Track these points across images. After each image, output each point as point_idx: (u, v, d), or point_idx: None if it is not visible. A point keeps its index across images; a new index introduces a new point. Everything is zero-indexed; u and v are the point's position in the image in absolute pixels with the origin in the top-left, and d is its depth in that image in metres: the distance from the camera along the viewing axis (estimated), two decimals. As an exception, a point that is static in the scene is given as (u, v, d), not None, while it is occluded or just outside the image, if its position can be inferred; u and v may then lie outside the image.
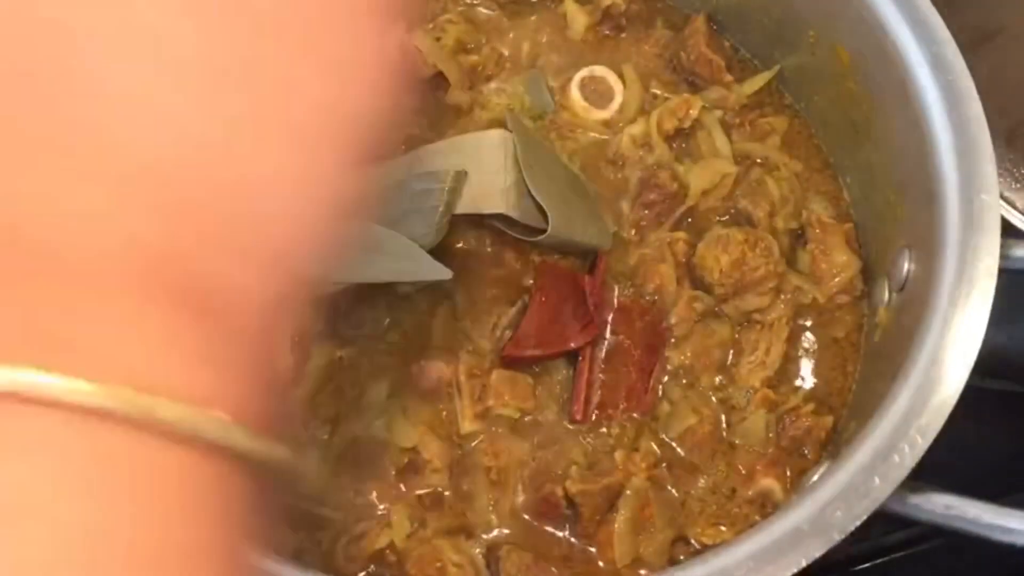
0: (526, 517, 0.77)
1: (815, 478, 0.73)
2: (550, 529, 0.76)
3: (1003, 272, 0.71)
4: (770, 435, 0.79)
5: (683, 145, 0.90)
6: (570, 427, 0.79)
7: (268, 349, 0.33)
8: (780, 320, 0.82)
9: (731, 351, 0.82)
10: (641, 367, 0.81)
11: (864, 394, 0.80)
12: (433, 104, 0.91)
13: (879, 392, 0.71)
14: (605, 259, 0.84)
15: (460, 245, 0.83)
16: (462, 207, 0.79)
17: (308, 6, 0.33)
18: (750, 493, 0.78)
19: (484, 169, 0.81)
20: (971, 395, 0.68)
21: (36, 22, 0.30)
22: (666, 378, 0.81)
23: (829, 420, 0.79)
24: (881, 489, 0.65)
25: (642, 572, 0.75)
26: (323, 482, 0.76)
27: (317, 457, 0.77)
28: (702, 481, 0.78)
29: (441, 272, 0.77)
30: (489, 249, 0.83)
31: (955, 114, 0.74)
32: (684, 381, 0.81)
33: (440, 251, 0.79)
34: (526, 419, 0.79)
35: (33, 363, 0.27)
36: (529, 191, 0.80)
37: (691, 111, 0.88)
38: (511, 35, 0.94)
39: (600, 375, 0.80)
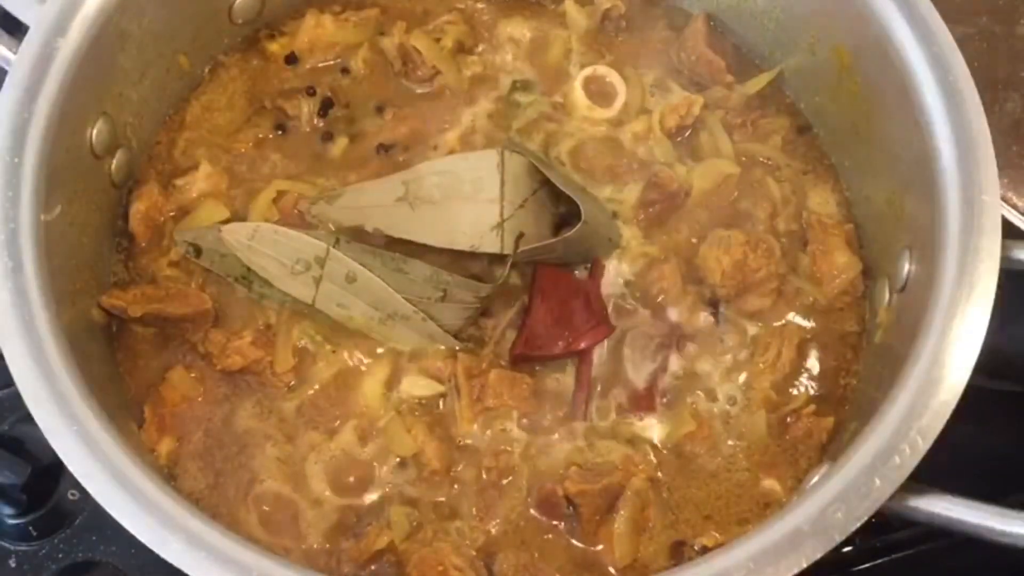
0: (526, 517, 0.77)
1: (816, 479, 0.73)
2: (550, 529, 0.76)
3: (1004, 273, 0.71)
4: (771, 436, 0.79)
5: (685, 145, 0.90)
6: (570, 427, 0.79)
7: None
8: (790, 325, 0.82)
9: (738, 354, 0.82)
10: (642, 367, 0.81)
11: (865, 395, 0.80)
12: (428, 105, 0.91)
13: (880, 393, 0.71)
14: (601, 262, 0.84)
15: None
16: (459, 244, 0.81)
17: None
18: (750, 493, 0.78)
19: (481, 196, 0.82)
20: (971, 395, 0.68)
21: None
22: (668, 379, 0.81)
23: (830, 421, 0.79)
24: (882, 490, 0.65)
25: (642, 573, 0.75)
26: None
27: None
28: (702, 482, 0.78)
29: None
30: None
31: (955, 114, 0.74)
32: (687, 382, 0.81)
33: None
34: (525, 419, 0.79)
35: None
36: (538, 209, 0.82)
37: (693, 108, 0.88)
38: (511, 36, 0.94)
39: (600, 375, 0.81)
